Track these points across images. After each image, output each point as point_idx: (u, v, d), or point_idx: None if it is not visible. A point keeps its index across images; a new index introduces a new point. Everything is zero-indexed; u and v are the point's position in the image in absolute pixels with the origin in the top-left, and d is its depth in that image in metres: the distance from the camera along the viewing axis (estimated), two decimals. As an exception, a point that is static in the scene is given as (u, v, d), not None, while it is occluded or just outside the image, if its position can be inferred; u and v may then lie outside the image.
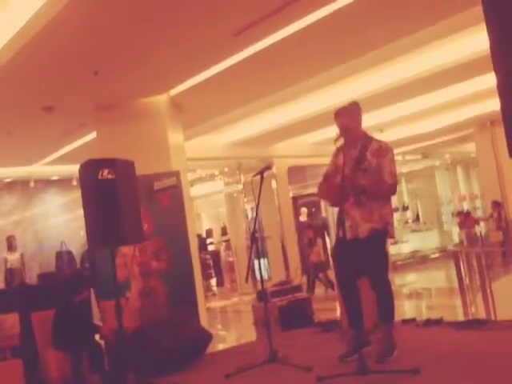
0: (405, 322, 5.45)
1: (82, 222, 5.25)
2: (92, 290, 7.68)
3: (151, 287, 7.13)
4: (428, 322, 5.23)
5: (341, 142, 4.33)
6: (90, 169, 5.03)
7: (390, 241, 4.47)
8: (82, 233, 5.73)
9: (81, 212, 5.19)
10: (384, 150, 4.25)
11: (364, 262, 4.18)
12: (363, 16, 6.64)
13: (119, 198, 5.06)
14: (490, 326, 4.82)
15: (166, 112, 8.62)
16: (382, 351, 4.11)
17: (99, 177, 5.02)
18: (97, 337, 7.12)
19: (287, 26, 6.65)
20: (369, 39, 7.49)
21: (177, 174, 7.47)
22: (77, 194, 8.84)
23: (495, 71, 2.75)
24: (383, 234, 4.28)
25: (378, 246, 4.27)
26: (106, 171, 5.05)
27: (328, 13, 6.37)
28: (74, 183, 12.83)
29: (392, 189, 4.25)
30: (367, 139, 4.36)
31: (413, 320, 5.52)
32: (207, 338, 5.33)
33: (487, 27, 2.80)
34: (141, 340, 4.98)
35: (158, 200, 7.32)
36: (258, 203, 4.62)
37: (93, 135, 9.40)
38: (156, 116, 8.53)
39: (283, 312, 6.15)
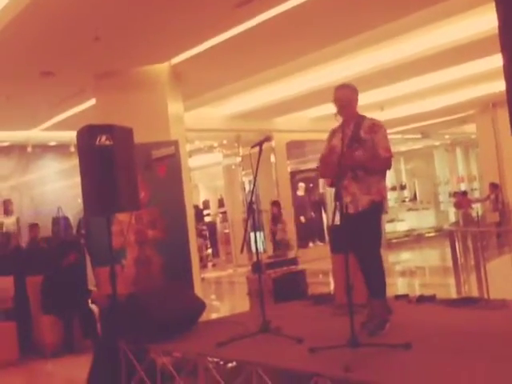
0: (397, 297, 5.47)
1: (79, 189, 5.24)
2: (88, 256, 7.74)
3: (146, 256, 7.13)
4: (421, 299, 5.26)
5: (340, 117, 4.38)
6: (88, 134, 4.99)
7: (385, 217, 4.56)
8: (79, 200, 5.73)
9: (78, 179, 5.18)
10: (377, 127, 4.35)
11: (361, 234, 4.26)
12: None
13: (116, 165, 5.04)
14: (482, 305, 4.84)
15: (166, 81, 8.56)
16: (374, 325, 4.17)
17: (97, 143, 4.99)
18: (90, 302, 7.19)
19: (290, -1, 6.59)
20: (371, 17, 7.43)
21: (175, 143, 7.41)
22: (75, 161, 8.80)
23: (502, 52, 2.72)
24: (380, 207, 4.38)
25: (377, 217, 4.38)
26: (103, 137, 5.02)
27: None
28: (72, 149, 12.78)
29: (387, 162, 4.33)
30: (360, 118, 4.45)
31: (405, 296, 5.54)
32: (201, 306, 5.34)
33: (496, 6, 2.76)
34: (134, 307, 4.99)
35: (155, 169, 7.27)
36: (256, 174, 4.60)
37: (92, 102, 9.34)
38: (156, 85, 8.48)
39: (277, 284, 6.16)
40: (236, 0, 6.22)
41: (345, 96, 4.40)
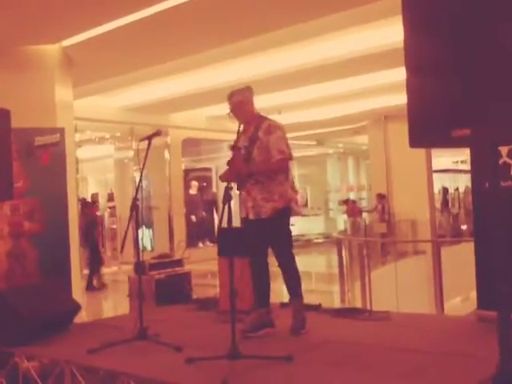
0: (283, 305, 5.34)
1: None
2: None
3: (21, 250, 6.63)
4: (306, 307, 5.15)
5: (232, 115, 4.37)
6: (-43, 113, 4.52)
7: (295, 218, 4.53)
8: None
9: None
10: (273, 128, 4.28)
11: (269, 241, 4.30)
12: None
13: (-12, 149, 4.60)
14: (366, 316, 4.84)
15: (55, 64, 8.02)
16: (296, 324, 4.24)
17: (-33, 123, 4.53)
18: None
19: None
20: (274, 18, 7.35)
21: (61, 131, 6.95)
22: None
23: (406, 65, 2.68)
24: (285, 212, 4.33)
25: (282, 224, 4.33)
26: (-25, 117, 4.56)
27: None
28: None
29: (280, 164, 4.26)
30: (260, 119, 4.37)
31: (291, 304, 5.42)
32: (74, 308, 4.98)
33: (403, 21, 2.70)
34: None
35: (38, 157, 6.79)
36: (143, 168, 4.35)
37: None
38: (44, 67, 7.91)
39: (160, 286, 5.87)
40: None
41: (235, 103, 4.34)
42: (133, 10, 6.78)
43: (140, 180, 4.49)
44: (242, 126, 4.15)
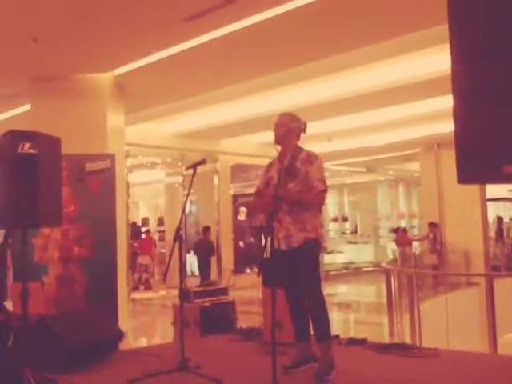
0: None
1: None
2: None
3: (70, 274, 6.73)
4: (351, 341, 5.04)
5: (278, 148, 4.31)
6: (10, 140, 4.61)
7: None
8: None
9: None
10: (313, 158, 4.21)
11: (298, 272, 4.10)
12: (322, 20, 6.43)
13: (39, 176, 4.66)
14: (414, 352, 4.66)
15: (108, 92, 8.21)
16: (321, 369, 3.93)
17: (19, 150, 4.63)
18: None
19: (241, 19, 6.38)
20: (325, 46, 7.33)
21: (112, 157, 7.07)
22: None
23: (453, 95, 2.55)
24: (317, 244, 4.17)
25: (313, 255, 4.16)
26: (27, 145, 4.64)
27: (287, 10, 6.14)
28: None
29: (322, 195, 4.17)
30: (297, 149, 4.30)
31: (336, 337, 5.30)
32: (118, 336, 4.98)
33: (451, 49, 2.60)
34: (45, 330, 4.59)
35: (88, 182, 6.91)
36: (187, 197, 4.35)
37: (27, 107, 8.87)
38: (97, 95, 8.10)
39: (204, 314, 5.84)
40: (184, 13, 5.96)
41: (283, 123, 4.29)
42: (183, 39, 6.87)
43: (183, 210, 4.49)
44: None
